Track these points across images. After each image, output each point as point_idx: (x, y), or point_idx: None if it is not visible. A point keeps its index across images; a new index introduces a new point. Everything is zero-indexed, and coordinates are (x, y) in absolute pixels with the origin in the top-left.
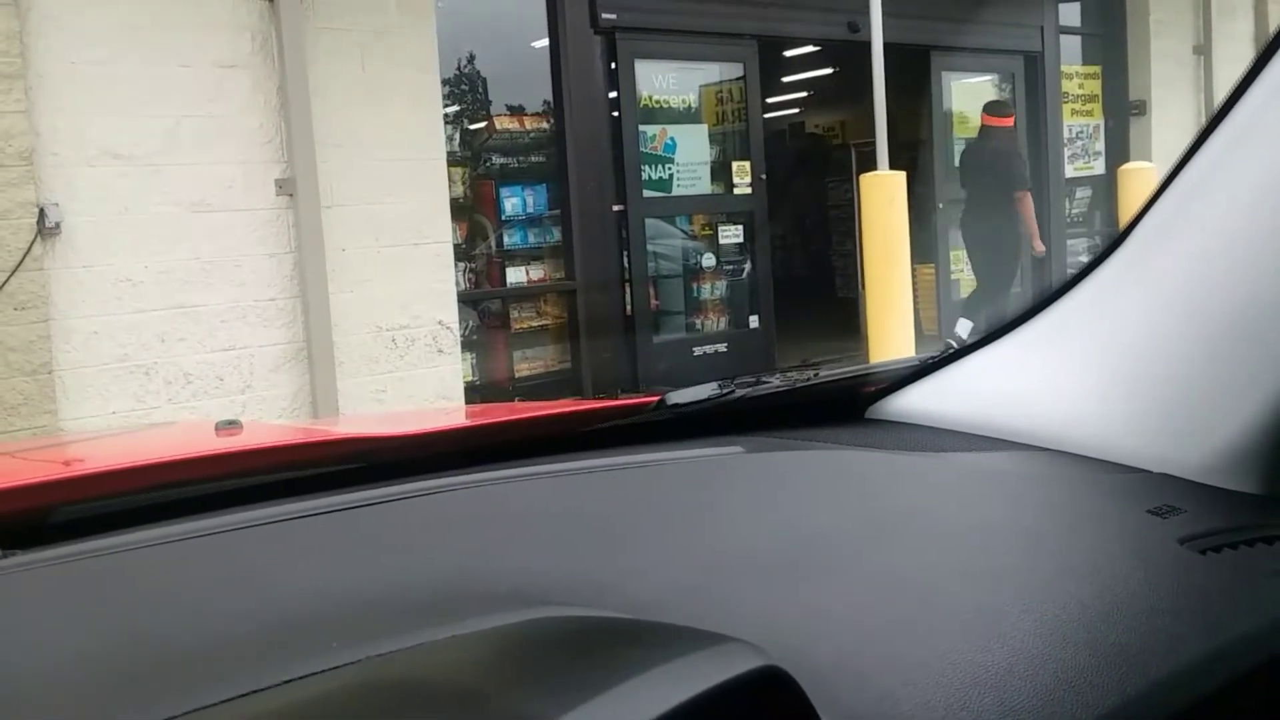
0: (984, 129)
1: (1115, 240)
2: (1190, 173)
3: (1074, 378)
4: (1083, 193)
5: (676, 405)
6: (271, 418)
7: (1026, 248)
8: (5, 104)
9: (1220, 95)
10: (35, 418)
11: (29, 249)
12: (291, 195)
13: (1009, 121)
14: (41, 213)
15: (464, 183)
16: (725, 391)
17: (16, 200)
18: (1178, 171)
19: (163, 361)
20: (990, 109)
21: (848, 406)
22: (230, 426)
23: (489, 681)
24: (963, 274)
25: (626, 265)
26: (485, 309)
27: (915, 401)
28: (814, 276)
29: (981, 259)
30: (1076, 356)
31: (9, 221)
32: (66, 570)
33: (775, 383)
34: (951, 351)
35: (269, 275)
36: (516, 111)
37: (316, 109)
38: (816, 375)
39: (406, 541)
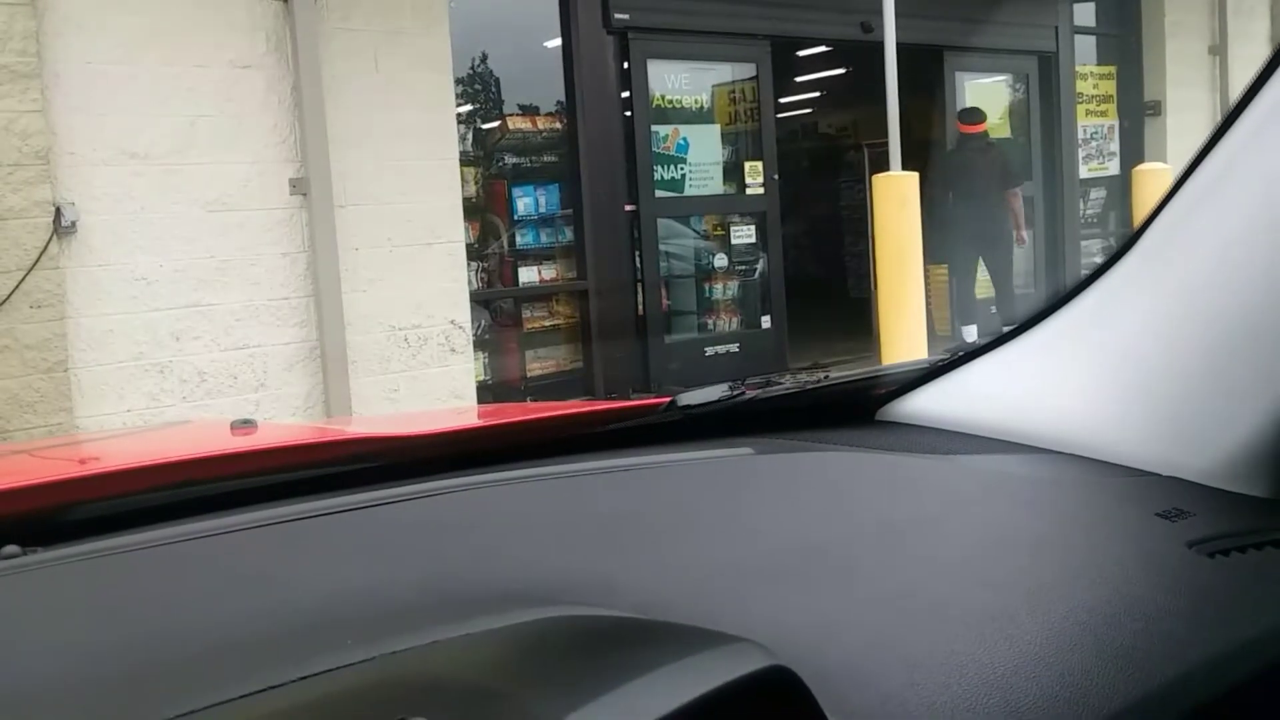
0: (961, 136)
1: (1126, 243)
2: (1202, 175)
3: (1083, 381)
4: (1097, 193)
5: (688, 406)
6: (285, 416)
7: (1011, 244)
8: (22, 103)
9: (1235, 96)
10: (51, 415)
11: (45, 248)
12: (305, 195)
13: (981, 128)
14: (58, 212)
15: (477, 182)
16: (736, 393)
17: (33, 199)
18: (1189, 174)
19: (177, 360)
20: (963, 117)
21: (858, 408)
22: (246, 425)
23: (501, 679)
24: (975, 275)
25: (638, 265)
26: (497, 308)
27: (925, 404)
28: (826, 277)
29: (966, 259)
30: (1086, 359)
31: (26, 220)
32: (86, 567)
33: (786, 384)
34: (961, 354)
35: (283, 274)
36: (529, 111)
37: (330, 109)
38: (827, 377)
39: (419, 541)
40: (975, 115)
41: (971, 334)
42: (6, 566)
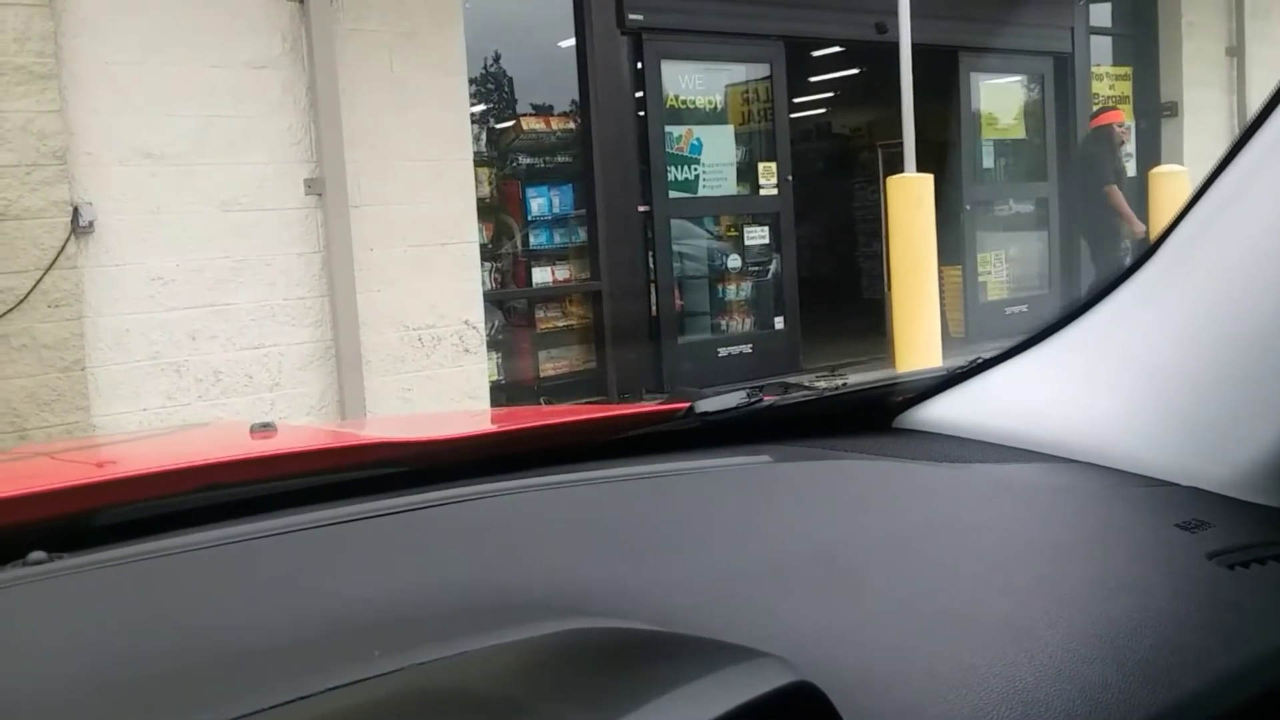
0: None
1: (1147, 251)
2: (1223, 185)
3: (1103, 390)
4: None
5: (706, 413)
6: (300, 416)
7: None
8: (40, 104)
9: (1253, 97)
10: (68, 414)
11: (63, 247)
12: (320, 195)
13: (1098, 121)
14: (75, 211)
15: (490, 183)
16: (754, 400)
17: (51, 199)
18: (1210, 183)
19: (193, 359)
20: (1093, 114)
21: (875, 416)
22: (265, 429)
23: (527, 694)
24: (990, 276)
25: (652, 266)
26: (511, 309)
27: (943, 412)
28: (840, 278)
29: (1090, 246)
30: (1106, 368)
31: (44, 220)
32: (111, 574)
33: (803, 391)
34: (980, 362)
35: (298, 274)
36: (543, 112)
37: (345, 109)
38: (845, 384)
39: (441, 549)
40: (1098, 111)
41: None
42: (33, 573)
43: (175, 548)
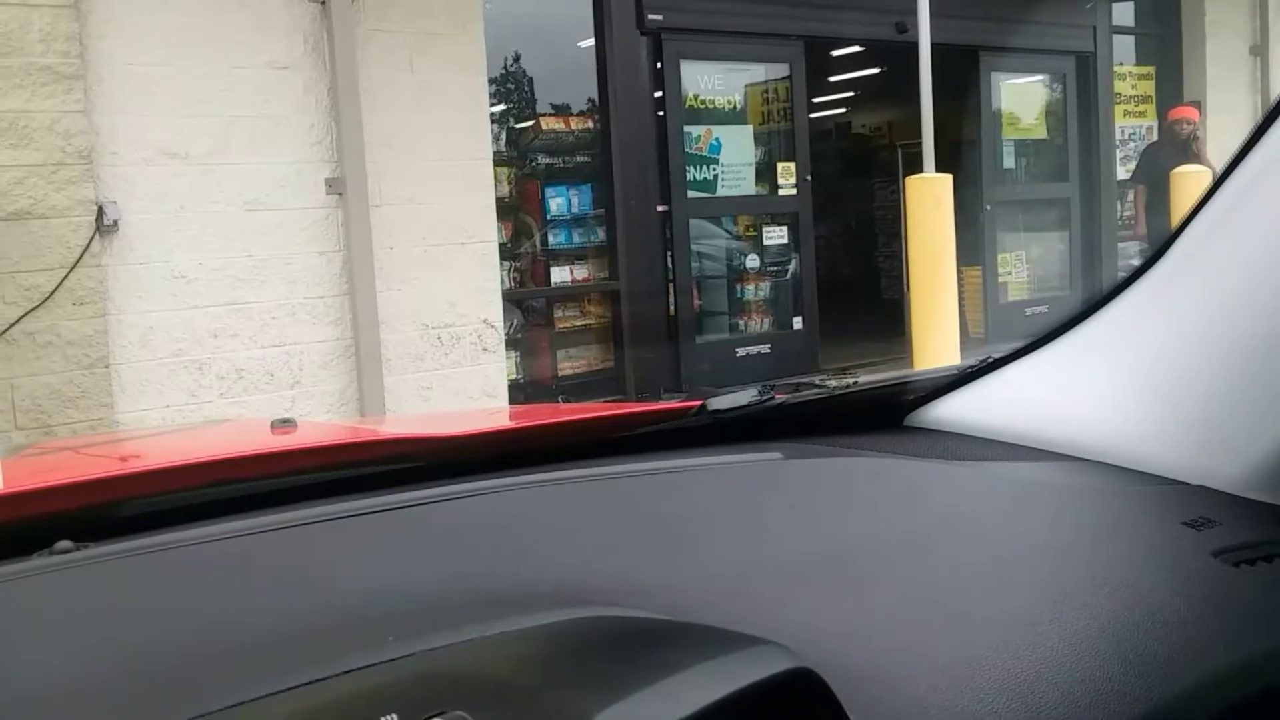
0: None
1: (1157, 251)
2: (1234, 184)
3: (1113, 389)
4: None
5: (718, 411)
6: (320, 413)
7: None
8: (65, 104)
9: (1273, 99)
10: (92, 411)
11: (88, 246)
12: (341, 194)
13: (1173, 115)
14: (100, 210)
15: (510, 182)
16: (766, 397)
17: (76, 198)
18: (1222, 182)
19: (215, 357)
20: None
21: (887, 414)
22: (285, 425)
23: (536, 676)
24: (1010, 276)
25: (670, 265)
26: (529, 308)
27: (954, 410)
28: (859, 278)
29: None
30: (1116, 367)
31: (69, 219)
32: (136, 563)
33: (815, 389)
34: (991, 360)
35: (318, 273)
36: (562, 111)
37: (366, 110)
38: (856, 383)
39: (455, 541)
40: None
41: None
42: (61, 561)
43: (198, 538)
